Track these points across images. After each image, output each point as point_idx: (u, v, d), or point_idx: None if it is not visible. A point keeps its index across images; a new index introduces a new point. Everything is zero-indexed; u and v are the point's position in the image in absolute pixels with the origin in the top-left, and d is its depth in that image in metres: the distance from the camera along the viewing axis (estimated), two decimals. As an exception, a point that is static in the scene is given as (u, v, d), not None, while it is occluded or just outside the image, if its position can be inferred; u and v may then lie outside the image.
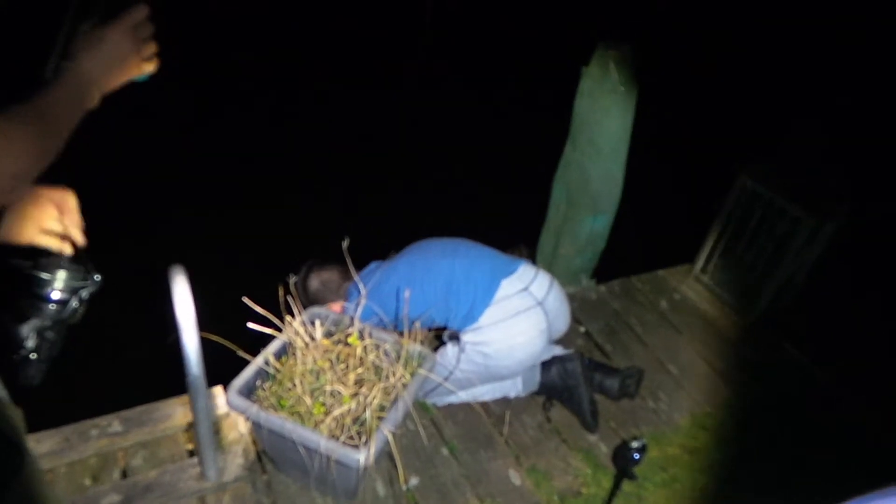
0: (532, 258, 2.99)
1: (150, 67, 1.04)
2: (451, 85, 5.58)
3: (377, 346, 1.85)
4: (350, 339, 1.73)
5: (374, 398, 1.71)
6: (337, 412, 1.65)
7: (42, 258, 1.07)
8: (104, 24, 0.98)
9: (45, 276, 1.05)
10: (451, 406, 2.32)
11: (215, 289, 2.16)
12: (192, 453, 2.06)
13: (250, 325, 1.84)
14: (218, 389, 2.23)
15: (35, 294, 1.04)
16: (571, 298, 2.68)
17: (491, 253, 2.26)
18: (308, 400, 1.68)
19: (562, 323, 2.22)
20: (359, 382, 1.77)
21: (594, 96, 2.53)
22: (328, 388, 1.70)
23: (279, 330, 1.89)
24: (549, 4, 6.24)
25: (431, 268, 2.15)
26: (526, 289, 2.11)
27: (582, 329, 2.79)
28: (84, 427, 2.06)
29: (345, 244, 1.94)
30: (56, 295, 1.05)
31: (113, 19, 0.98)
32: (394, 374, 1.80)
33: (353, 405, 1.69)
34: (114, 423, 2.09)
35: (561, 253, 2.85)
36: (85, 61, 0.95)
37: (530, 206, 3.06)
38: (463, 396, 2.25)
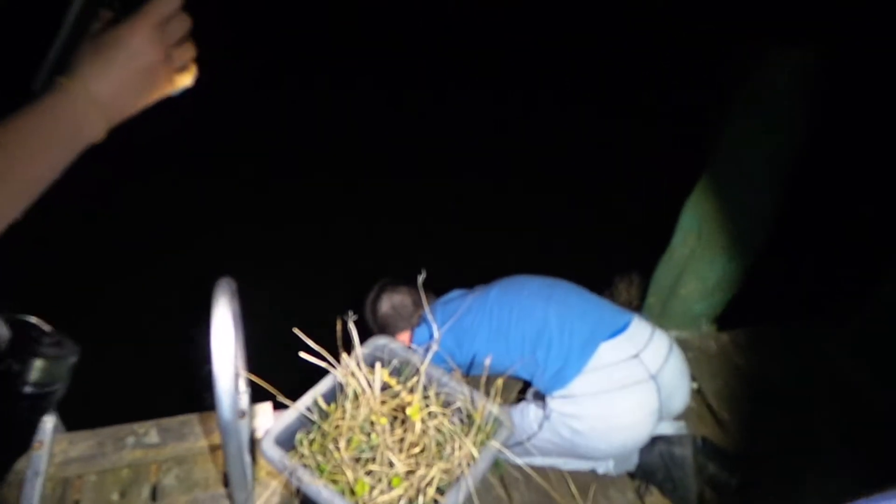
0: (643, 292, 2.52)
1: (186, 80, 0.71)
2: (530, 92, 5.03)
3: (443, 413, 1.52)
4: (409, 412, 1.41)
5: (429, 480, 1.39)
6: (384, 498, 1.34)
7: (16, 340, 0.81)
8: (121, 21, 0.65)
9: (16, 367, 0.79)
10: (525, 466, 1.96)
11: (263, 309, 1.91)
12: (226, 479, 1.85)
13: (302, 354, 1.56)
14: (266, 406, 2.00)
15: (5, 390, 0.79)
16: (685, 346, 2.21)
17: (594, 301, 1.84)
18: (350, 474, 1.38)
19: (678, 401, 1.79)
20: (414, 455, 1.45)
21: (755, 111, 2.01)
22: (376, 467, 1.39)
23: (333, 365, 1.60)
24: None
25: (522, 309, 1.78)
26: (637, 356, 1.69)
27: (694, 385, 2.32)
28: (121, 433, 1.90)
29: (420, 278, 1.60)
30: (29, 389, 0.79)
31: (133, 13, 0.65)
32: (459, 449, 1.46)
33: (405, 488, 1.37)
34: (151, 431, 1.91)
35: (681, 293, 2.36)
36: (88, 76, 0.64)
37: (644, 232, 2.59)
38: (539, 462, 1.89)
